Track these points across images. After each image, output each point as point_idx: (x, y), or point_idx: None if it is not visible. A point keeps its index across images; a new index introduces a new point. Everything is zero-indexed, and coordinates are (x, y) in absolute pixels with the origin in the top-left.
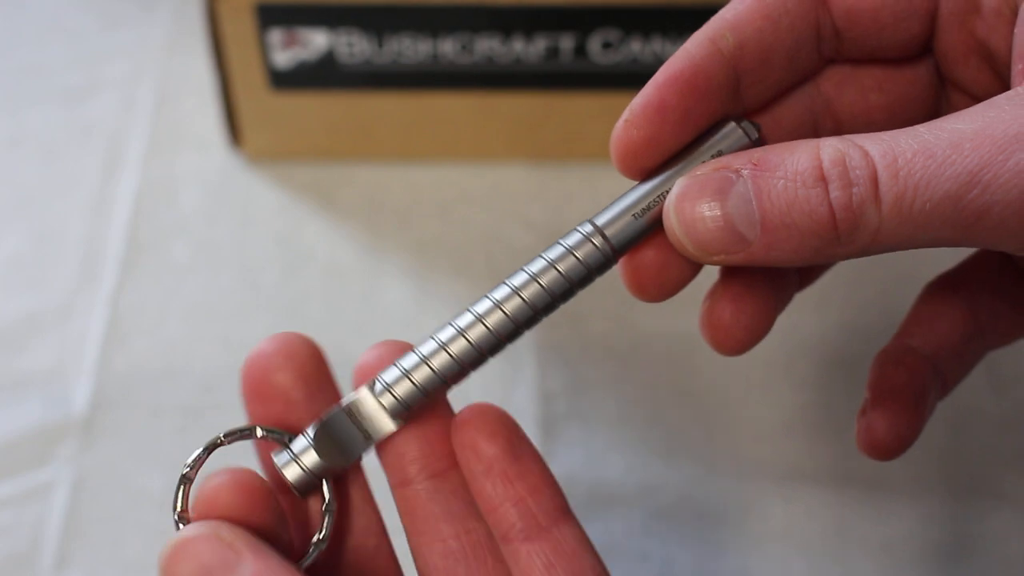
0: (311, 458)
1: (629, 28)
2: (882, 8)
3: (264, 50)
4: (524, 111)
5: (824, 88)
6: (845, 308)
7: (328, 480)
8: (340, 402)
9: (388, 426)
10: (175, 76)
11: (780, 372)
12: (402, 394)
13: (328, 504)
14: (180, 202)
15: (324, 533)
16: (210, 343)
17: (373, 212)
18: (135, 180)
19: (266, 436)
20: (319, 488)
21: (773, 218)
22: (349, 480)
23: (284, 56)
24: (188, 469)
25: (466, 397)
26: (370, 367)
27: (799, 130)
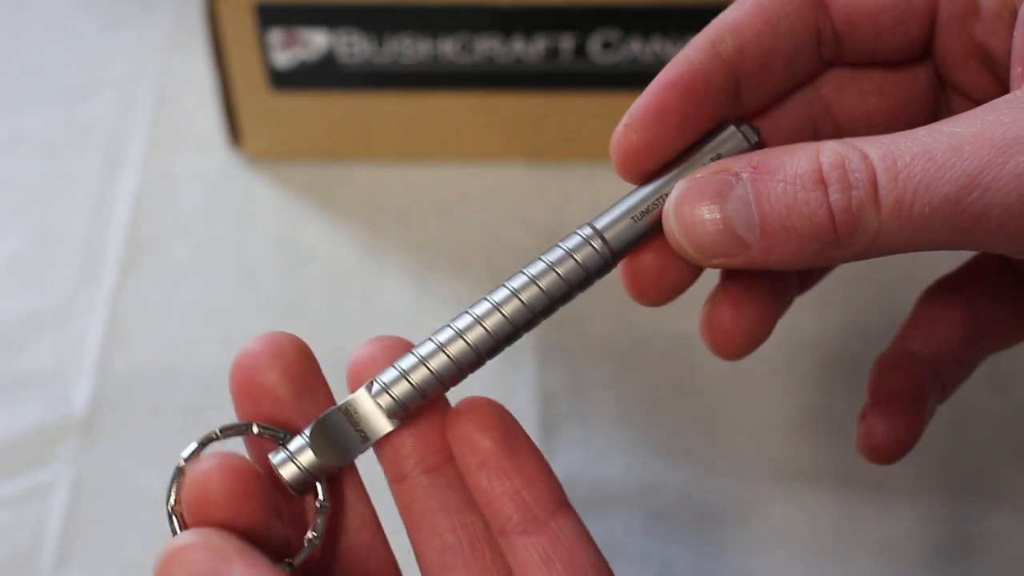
0: (307, 457)
1: (629, 28)
2: (881, 11)
3: (264, 50)
4: (524, 111)
5: (824, 91)
6: (845, 308)
7: (323, 479)
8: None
9: (385, 427)
10: (175, 76)
11: (780, 372)
12: (399, 395)
13: (322, 503)
14: (180, 202)
15: (317, 531)
16: (210, 343)
17: (373, 212)
18: (135, 180)
19: (262, 432)
20: (314, 487)
21: (772, 221)
22: (343, 478)
23: (284, 56)
24: (183, 462)
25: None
26: (363, 363)
27: (799, 134)
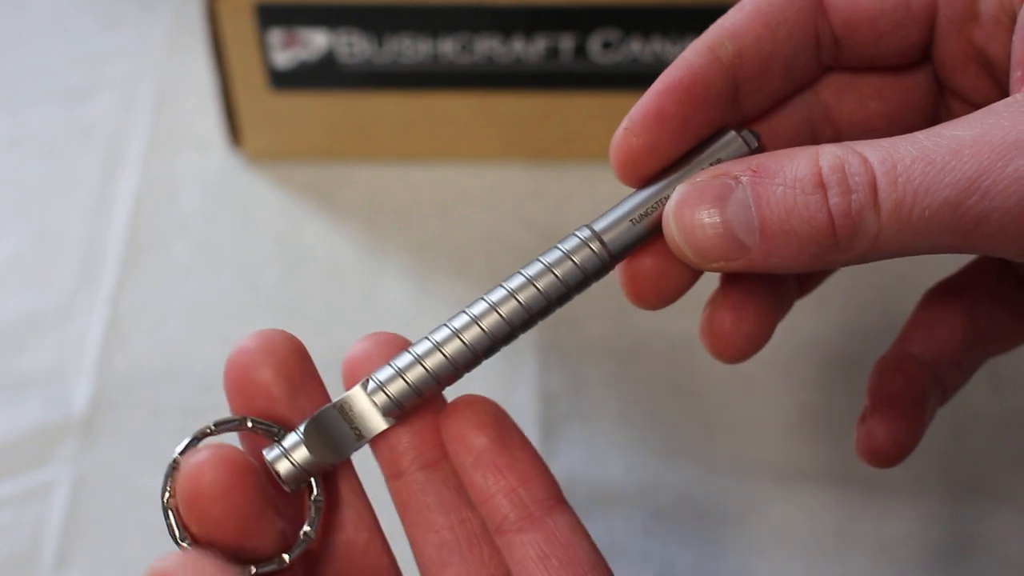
0: (301, 454)
1: (629, 28)
2: (881, 16)
3: (264, 50)
4: (524, 111)
5: (823, 96)
6: (845, 309)
7: (317, 476)
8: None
9: (380, 425)
10: (175, 76)
11: (780, 372)
12: (395, 393)
13: (316, 498)
14: (180, 202)
15: (312, 526)
16: (210, 343)
17: (373, 212)
18: (135, 180)
19: (256, 427)
20: (308, 483)
21: (772, 225)
22: (338, 474)
23: (284, 56)
24: (177, 457)
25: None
26: (358, 360)
27: (798, 138)
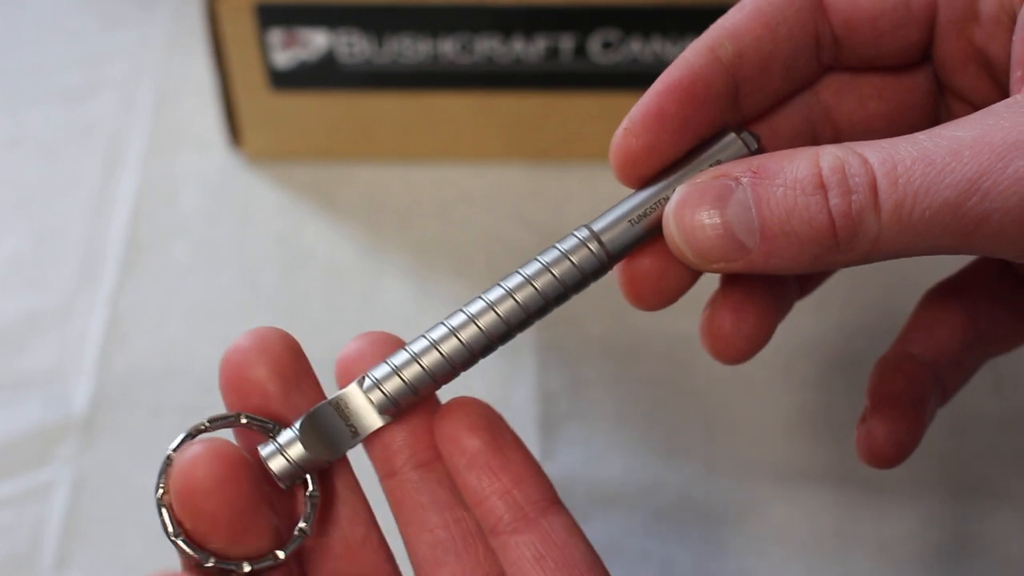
0: (296, 450)
1: (629, 28)
2: (881, 16)
3: (264, 50)
4: (524, 111)
5: (823, 96)
6: (845, 309)
7: (312, 472)
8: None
9: (375, 422)
10: (175, 76)
11: (780, 372)
12: (391, 390)
13: (311, 493)
14: (180, 202)
15: (307, 522)
16: (210, 343)
17: (373, 212)
18: (135, 180)
19: (251, 423)
20: (304, 480)
21: (772, 226)
22: (334, 471)
23: (284, 56)
24: (172, 452)
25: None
26: (352, 359)
27: (798, 138)
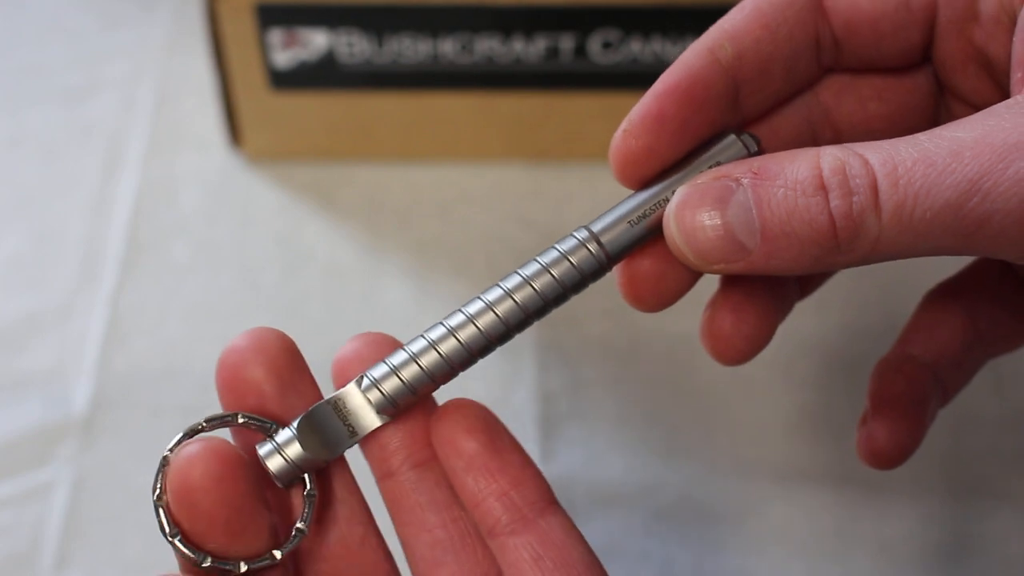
0: (294, 450)
1: (629, 28)
2: (881, 17)
3: (264, 50)
4: (524, 111)
5: (823, 97)
6: (845, 309)
7: (310, 472)
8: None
9: (373, 422)
10: (175, 76)
11: (780, 372)
12: (389, 390)
13: (309, 492)
14: (180, 202)
15: (305, 522)
16: (210, 343)
17: (373, 212)
18: (135, 180)
19: (248, 423)
20: (301, 479)
21: (773, 227)
22: (332, 471)
23: (284, 56)
24: (168, 453)
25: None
26: (347, 360)
27: (798, 140)
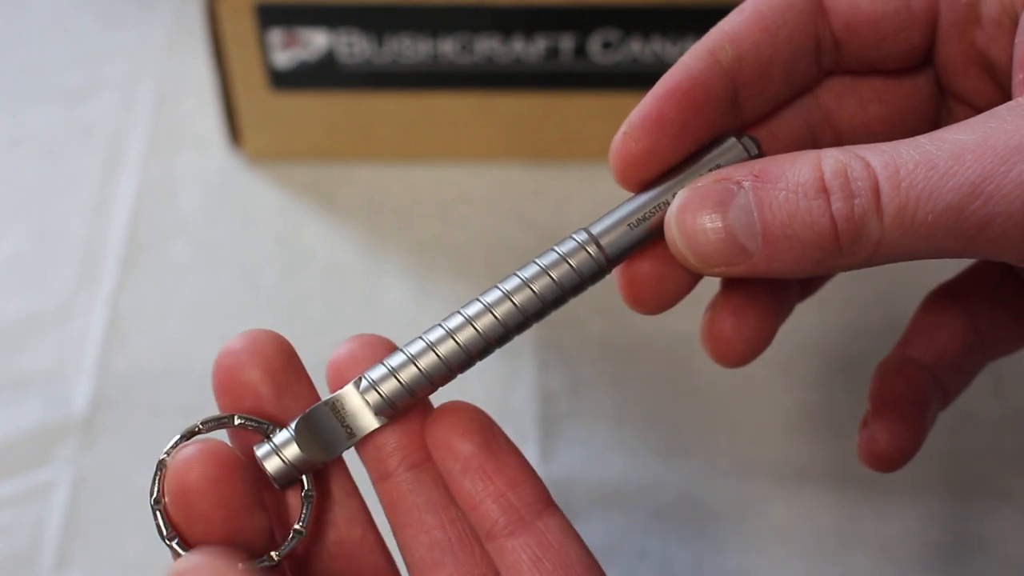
0: (292, 451)
1: (629, 28)
2: (882, 19)
3: (264, 50)
4: (524, 111)
5: (823, 100)
6: (846, 309)
7: (308, 473)
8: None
9: (371, 423)
10: (175, 76)
11: (780, 372)
12: (387, 392)
13: (307, 493)
14: (180, 202)
15: (303, 523)
16: (210, 343)
17: (373, 212)
18: (135, 180)
19: (245, 424)
20: (299, 480)
21: (775, 229)
22: (330, 473)
23: (284, 56)
24: (165, 455)
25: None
26: (343, 362)
27: (798, 142)
